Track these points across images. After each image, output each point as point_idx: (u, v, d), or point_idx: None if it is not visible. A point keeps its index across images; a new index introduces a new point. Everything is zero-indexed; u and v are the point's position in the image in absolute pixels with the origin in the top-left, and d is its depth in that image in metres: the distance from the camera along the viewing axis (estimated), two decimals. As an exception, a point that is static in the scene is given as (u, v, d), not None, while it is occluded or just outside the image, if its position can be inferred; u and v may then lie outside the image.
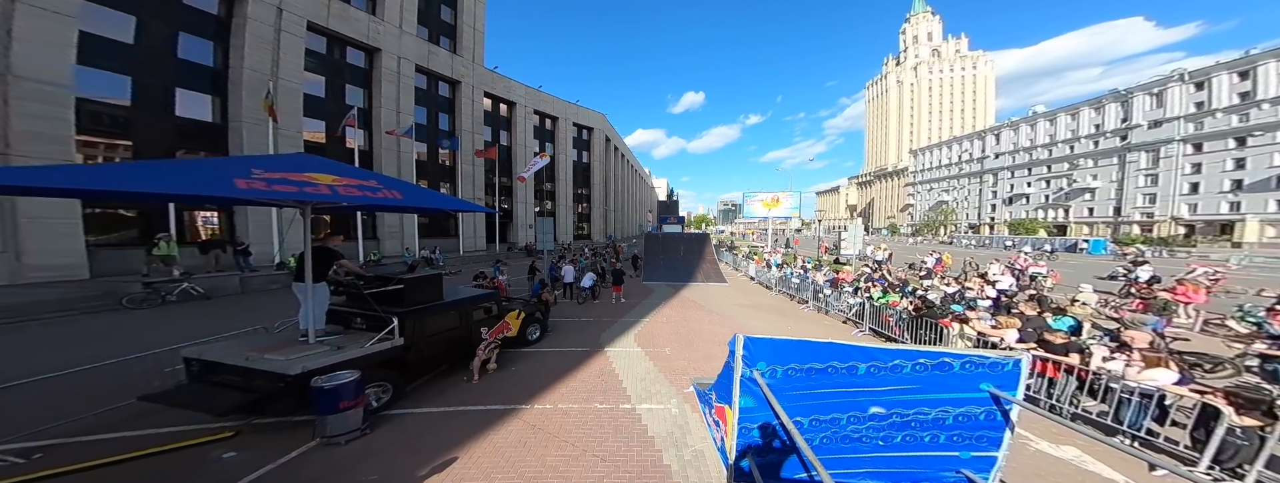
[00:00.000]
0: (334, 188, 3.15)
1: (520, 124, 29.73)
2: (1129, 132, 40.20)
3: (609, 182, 43.52)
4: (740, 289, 12.81)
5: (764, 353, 2.50)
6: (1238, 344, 5.73)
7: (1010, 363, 2.35)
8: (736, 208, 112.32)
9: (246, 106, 13.41)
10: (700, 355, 5.85)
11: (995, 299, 7.47)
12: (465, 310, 5.17)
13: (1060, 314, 5.75)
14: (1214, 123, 34.93)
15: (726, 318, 8.58)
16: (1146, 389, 3.41)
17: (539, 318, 6.83)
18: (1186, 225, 36.10)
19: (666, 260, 15.28)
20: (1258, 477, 2.78)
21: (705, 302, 10.51)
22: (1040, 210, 48.23)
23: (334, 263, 4.25)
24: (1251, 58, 33.61)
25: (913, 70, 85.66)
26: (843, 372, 2.47)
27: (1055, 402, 4.03)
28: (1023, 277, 11.22)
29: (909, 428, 2.53)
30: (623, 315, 8.62)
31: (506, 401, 4.35)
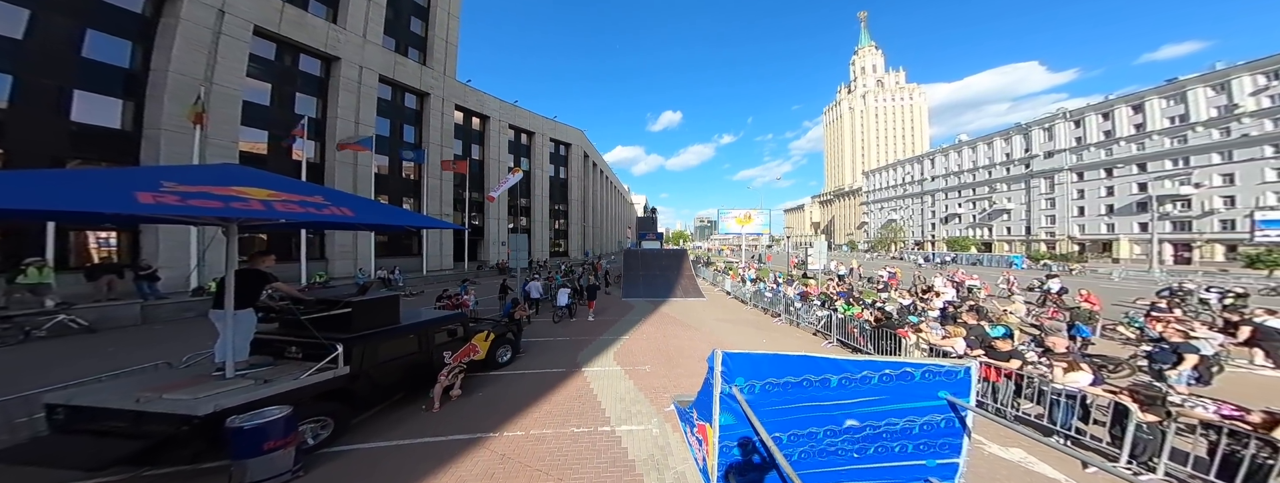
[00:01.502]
0: (269, 203, 2.81)
1: (494, 139, 29.57)
2: (1031, 160, 47.03)
3: (587, 198, 43.70)
4: (718, 304, 12.94)
5: (742, 368, 2.53)
6: (1129, 347, 6.56)
7: (962, 371, 2.51)
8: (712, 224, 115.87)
9: (168, 112, 12.27)
10: (681, 372, 5.76)
11: (943, 310, 8.04)
12: (425, 334, 4.81)
13: (995, 323, 6.28)
14: (1089, 155, 42.06)
15: (705, 333, 8.57)
16: (1071, 390, 3.72)
17: (510, 339, 6.49)
18: (1078, 243, 41.87)
19: (646, 277, 15.27)
20: (1165, 468, 3.10)
21: (684, 317, 10.48)
22: (970, 229, 54.10)
23: (265, 287, 3.81)
24: (1110, 102, 41.37)
25: (862, 98, 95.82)
26: (817, 385, 2.55)
27: (999, 405, 4.27)
28: (961, 288, 12.27)
29: (881, 439, 2.62)
30: (601, 333, 8.37)
31: (472, 429, 3.98)
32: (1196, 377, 4.86)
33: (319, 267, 17.21)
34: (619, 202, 70.54)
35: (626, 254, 17.84)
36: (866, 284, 15.30)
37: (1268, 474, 2.66)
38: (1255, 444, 2.75)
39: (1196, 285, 12.42)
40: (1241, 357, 6.33)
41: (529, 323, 8.90)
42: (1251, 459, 2.73)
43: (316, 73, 19.04)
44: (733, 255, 36.69)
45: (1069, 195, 43.62)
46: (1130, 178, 39.34)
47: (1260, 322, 6.66)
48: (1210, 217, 34.72)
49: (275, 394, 3.22)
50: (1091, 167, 42.03)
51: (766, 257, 33.79)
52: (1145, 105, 39.30)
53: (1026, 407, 4.20)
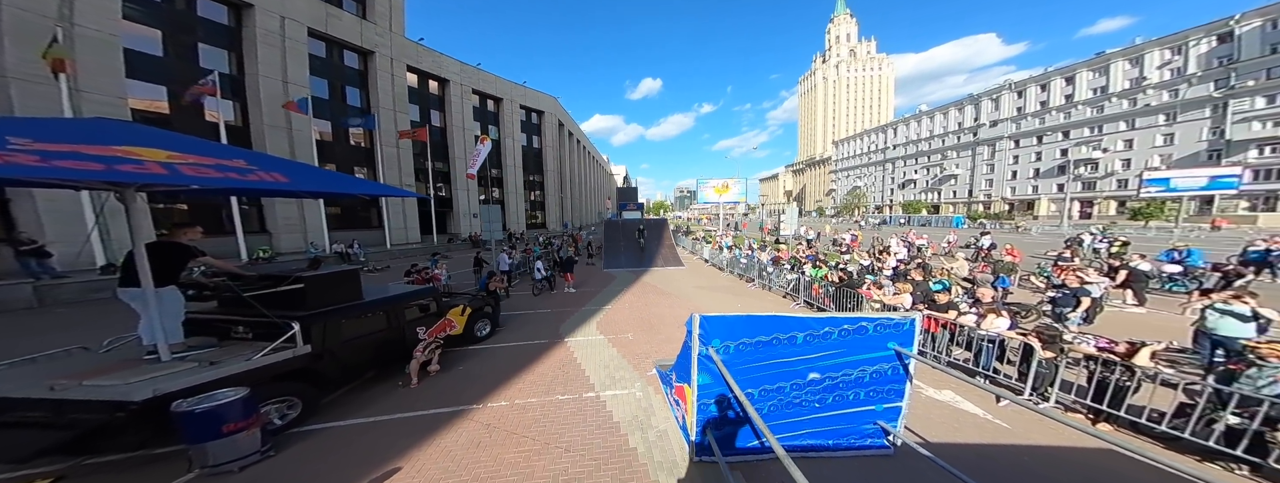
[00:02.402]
0: (173, 166, 2.34)
1: (455, 104, 26.67)
2: (978, 129, 50.04)
3: (564, 168, 41.68)
4: (697, 272, 13.17)
5: (718, 330, 2.65)
6: (1039, 294, 7.39)
7: (908, 323, 2.73)
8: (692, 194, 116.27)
9: (14, 56, 9.82)
10: (662, 339, 5.85)
11: (894, 268, 8.70)
12: (394, 310, 4.50)
13: (938, 279, 6.86)
14: (1027, 124, 45.18)
15: (685, 300, 8.74)
16: (991, 335, 4.16)
17: (488, 312, 6.28)
18: (1009, 203, 46.64)
19: (627, 247, 15.18)
20: (1056, 398, 3.58)
21: (665, 285, 10.62)
22: (923, 193, 58.11)
23: (189, 262, 3.29)
24: (1047, 74, 43.82)
25: (835, 69, 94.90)
26: (785, 342, 2.69)
27: (935, 352, 4.72)
28: (912, 248, 13.30)
29: (838, 389, 2.82)
30: (583, 304, 8.33)
31: (454, 402, 3.90)
32: (1085, 317, 5.61)
33: (261, 241, 15.63)
34: (598, 172, 68.24)
35: (607, 225, 17.57)
36: (832, 247, 16.03)
37: (1126, 394, 3.13)
38: (1119, 370, 3.21)
39: (1091, 236, 14.20)
40: (1118, 297, 7.37)
41: (506, 296, 8.67)
42: (1115, 383, 3.19)
43: (224, 21, 15.75)
44: (711, 224, 37.29)
45: (1006, 161, 47.13)
46: (1056, 144, 42.84)
47: (1134, 266, 7.74)
48: (1109, 177, 39.10)
49: (227, 376, 2.96)
50: (1026, 134, 45.11)
51: (742, 225, 34.68)
52: (1075, 77, 41.78)
53: (958, 353, 4.66)
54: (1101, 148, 39.42)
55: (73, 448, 2.62)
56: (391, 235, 20.47)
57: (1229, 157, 31.28)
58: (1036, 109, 44.48)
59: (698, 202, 32.93)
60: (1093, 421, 3.35)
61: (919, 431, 3.20)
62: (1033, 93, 44.94)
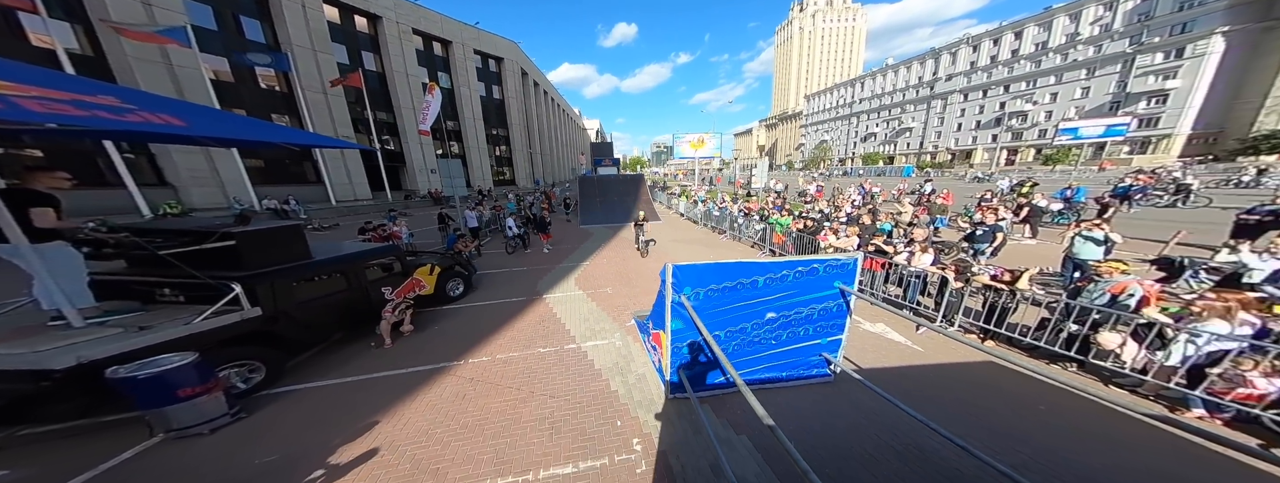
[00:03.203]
0: (6, 99, 1.80)
1: (393, 46, 22.16)
2: (934, 83, 50.57)
3: (532, 121, 37.59)
4: (673, 226, 13.23)
5: (689, 278, 2.74)
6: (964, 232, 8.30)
7: (851, 263, 2.91)
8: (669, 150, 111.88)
9: None
10: (639, 291, 5.97)
11: (849, 214, 9.25)
12: (354, 269, 4.17)
13: (884, 222, 7.41)
14: (976, 78, 46.10)
15: (662, 253, 8.83)
16: (917, 271, 4.65)
17: (460, 272, 6.02)
18: (952, 153, 50.00)
19: (604, 203, 14.73)
20: (960, 322, 4.08)
21: None
22: (881, 146, 60.18)
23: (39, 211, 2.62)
24: (1001, 28, 43.46)
25: (812, 18, 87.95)
26: (748, 286, 2.82)
27: (872, 290, 5.21)
28: (867, 195, 14.17)
29: (791, 326, 3.03)
30: (561, 261, 8.21)
31: (434, 360, 3.87)
32: (994, 250, 6.41)
33: (165, 195, 13.51)
34: (570, 127, 62.59)
35: (582, 181, 16.52)
36: (798, 198, 16.51)
37: (1007, 314, 3.71)
38: (1005, 295, 3.76)
39: (1008, 179, 15.82)
40: (1019, 231, 8.45)
41: (477, 255, 8.30)
42: (1000, 305, 3.76)
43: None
44: (687, 179, 36.82)
45: (954, 114, 48.95)
46: (997, 98, 44.61)
47: (1032, 202, 8.75)
48: (1034, 128, 42.21)
49: (165, 342, 2.73)
50: (974, 88, 46.35)
51: (717, 179, 34.60)
52: (1023, 32, 41.72)
53: (892, 289, 5.18)
54: (1032, 100, 41.57)
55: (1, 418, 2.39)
56: (335, 191, 18.32)
57: (1125, 107, 34.39)
58: (987, 63, 45.08)
59: (674, 157, 31.84)
60: (982, 339, 3.99)
61: (855, 359, 3.63)
62: (986, 47, 45.15)
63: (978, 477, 2.16)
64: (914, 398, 2.87)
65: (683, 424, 2.76)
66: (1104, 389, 3.07)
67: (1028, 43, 41.41)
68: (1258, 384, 2.38)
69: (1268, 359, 2.42)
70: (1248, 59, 28.72)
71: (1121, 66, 34.65)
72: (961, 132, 48.68)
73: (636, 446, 2.58)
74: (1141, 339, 2.87)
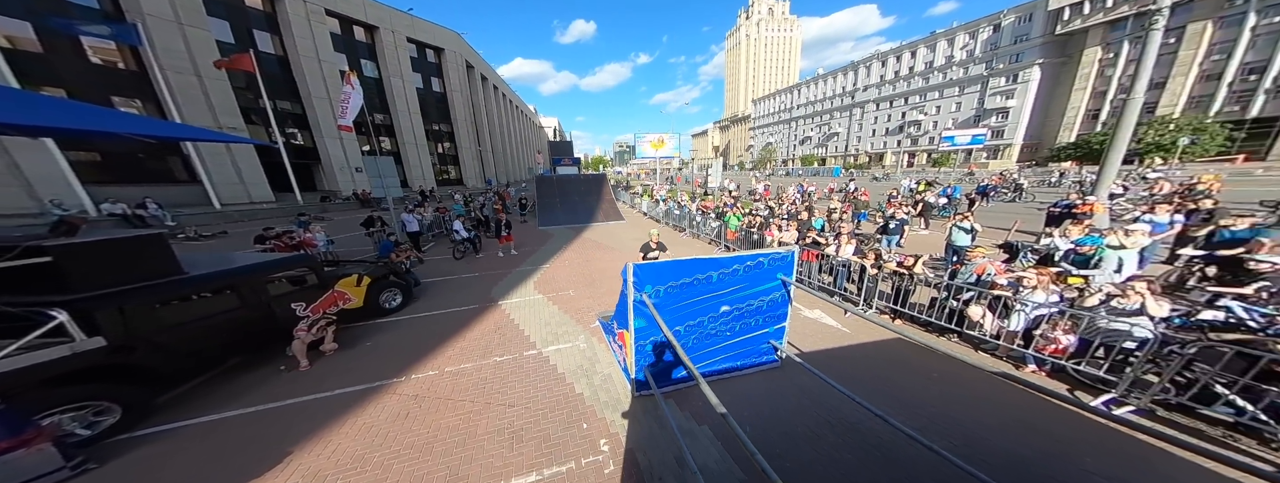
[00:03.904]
0: None
1: (300, 27, 18.66)
2: (854, 93, 57.82)
3: (481, 117, 34.44)
4: (636, 225, 13.24)
5: (649, 277, 2.79)
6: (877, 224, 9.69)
7: (789, 255, 3.17)
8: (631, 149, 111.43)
9: None
10: (604, 291, 5.87)
11: (789, 211, 10.23)
12: (250, 284, 3.49)
13: (817, 218, 8.34)
14: (884, 90, 53.77)
15: (626, 254, 8.78)
16: (843, 261, 5.30)
17: (397, 282, 5.38)
18: (869, 156, 57.82)
19: (564, 203, 14.20)
20: (877, 305, 4.70)
21: (606, 241, 10.49)
22: (815, 148, 67.07)
23: None
24: (900, 47, 51.20)
25: (756, 26, 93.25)
26: (703, 281, 2.94)
27: (809, 279, 5.82)
28: (804, 194, 15.73)
29: (743, 318, 3.23)
30: (517, 265, 7.75)
31: (369, 379, 3.44)
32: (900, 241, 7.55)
33: None
34: (526, 124, 58.75)
35: (539, 181, 15.67)
36: (748, 196, 17.58)
37: (908, 294, 4.41)
38: (906, 278, 4.47)
39: (913, 181, 18.69)
40: (917, 224, 10.07)
41: (419, 262, 7.48)
42: (903, 288, 4.46)
43: None
44: (649, 179, 37.05)
45: (870, 121, 56.03)
46: (900, 108, 52.12)
47: (925, 198, 10.51)
48: (926, 135, 50.27)
49: None
50: (883, 99, 53.71)
51: (676, 178, 35.48)
52: (917, 52, 49.29)
53: (825, 278, 5.78)
54: (924, 112, 49.48)
55: None
56: (219, 193, 15.03)
57: (984, 121, 42.69)
58: (892, 78, 52.45)
59: (636, 157, 31.74)
60: (893, 319, 4.66)
61: (797, 343, 3.98)
62: (891, 63, 52.46)
63: (894, 442, 2.52)
64: (843, 376, 3.25)
65: (649, 421, 2.80)
66: (974, 355, 3.81)
67: (919, 62, 49.02)
68: (1062, 340, 3.15)
69: (1064, 319, 3.22)
70: (1053, 87, 37.48)
71: (980, 87, 42.80)
72: (875, 137, 56.09)
73: (604, 446, 2.56)
74: (994, 311, 3.61)
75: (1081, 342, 3.11)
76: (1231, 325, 2.92)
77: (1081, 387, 3.11)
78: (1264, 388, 2.33)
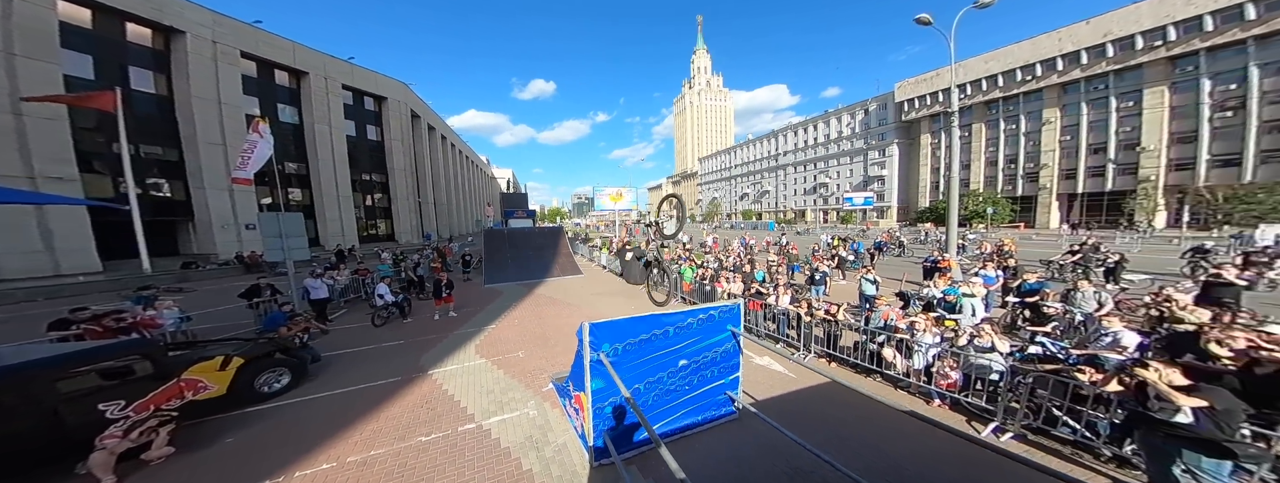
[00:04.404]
0: None
1: (198, 66, 17.51)
2: (779, 157, 71.65)
3: (425, 168, 33.46)
4: (594, 279, 13.13)
5: (606, 335, 2.86)
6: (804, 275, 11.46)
7: (736, 308, 3.54)
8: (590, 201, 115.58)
9: None
10: (561, 350, 5.60)
11: (735, 264, 11.45)
12: (17, 386, 2.75)
13: (759, 270, 9.55)
14: (800, 156, 67.67)
15: (583, 308, 8.62)
16: (783, 310, 6.09)
17: (283, 359, 4.53)
18: (794, 213, 68.89)
19: (516, 258, 13.70)
20: (815, 350, 5.32)
21: (562, 296, 10.20)
22: (753, 204, 77.96)
23: None
24: (811, 119, 66.93)
25: (698, 94, 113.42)
26: (661, 337, 3.11)
27: (757, 328, 6.40)
28: (747, 247, 17.81)
29: (700, 371, 3.40)
30: (456, 328, 7.05)
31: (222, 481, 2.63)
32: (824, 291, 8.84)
33: None
34: (477, 176, 58.30)
35: (488, 235, 14.99)
36: (699, 248, 19.01)
37: (838, 338, 5.14)
38: (834, 324, 5.27)
39: (829, 236, 22.37)
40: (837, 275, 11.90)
41: (321, 334, 6.32)
42: (833, 333, 5.21)
43: None
44: (609, 231, 37.90)
45: (791, 182, 67.99)
46: (812, 172, 64.37)
47: (840, 254, 12.70)
48: (833, 195, 62.06)
49: None
50: (799, 163, 66.54)
51: (634, 230, 36.99)
52: (820, 125, 64.02)
53: (770, 326, 6.36)
54: (829, 176, 62.17)
55: None
56: (2, 263, 11.58)
57: (870, 186, 54.97)
58: (804, 146, 66.25)
59: (595, 209, 33.03)
60: (828, 361, 5.26)
61: (751, 391, 4.19)
62: (801, 133, 66.88)
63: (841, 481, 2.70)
64: (794, 421, 3.48)
65: (609, 496, 2.60)
66: (893, 393, 4.42)
67: (821, 134, 63.35)
68: (952, 375, 3.93)
69: (950, 357, 4.06)
70: (908, 162, 51.02)
71: (863, 158, 56.21)
72: (797, 196, 67.73)
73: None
74: (901, 351, 4.38)
75: (964, 376, 3.89)
76: (1048, 357, 3.93)
77: (975, 417, 3.78)
78: (1079, 409, 3.04)
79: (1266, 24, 21.13)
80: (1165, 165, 26.33)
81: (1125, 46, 27.30)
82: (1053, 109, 32.69)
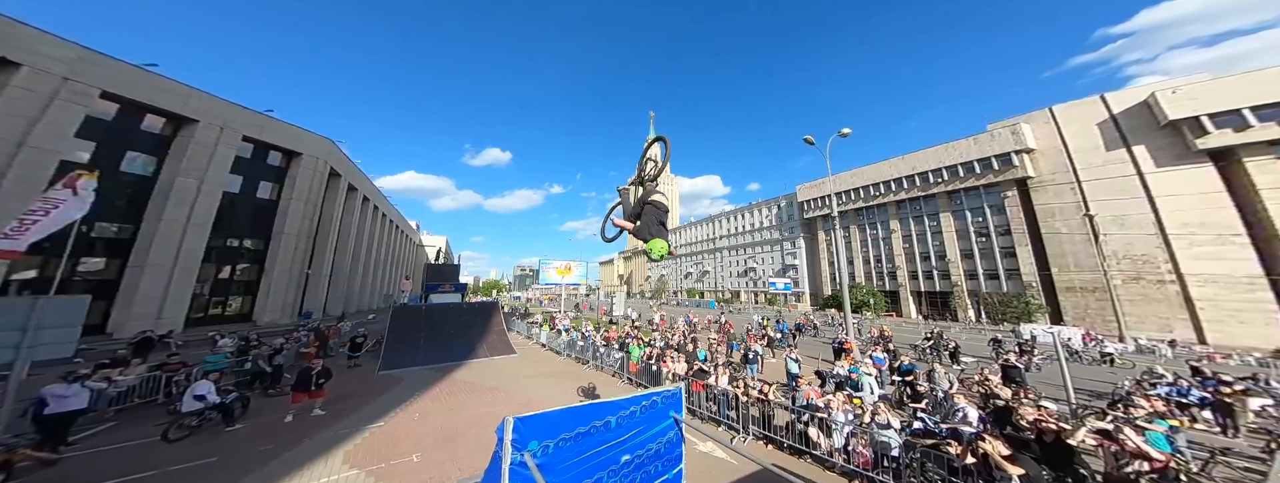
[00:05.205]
0: None
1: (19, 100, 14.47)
2: (716, 240, 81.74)
3: (329, 233, 29.08)
4: (532, 359, 11.90)
5: (536, 431, 2.52)
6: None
7: (677, 392, 3.28)
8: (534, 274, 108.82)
9: None
10: (475, 446, 4.82)
11: (679, 343, 11.80)
12: None
13: (701, 349, 10.04)
14: (732, 241, 78.28)
15: (512, 395, 7.67)
16: (723, 389, 6.43)
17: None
18: (730, 293, 75.14)
19: (432, 338, 11.99)
20: (753, 432, 5.70)
21: (487, 380, 9.01)
22: (696, 283, 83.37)
23: None
24: (740, 209, 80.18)
25: None
26: (602, 429, 2.82)
27: (700, 409, 6.54)
28: (691, 325, 18.53)
29: (644, 466, 3.08)
30: (319, 430, 5.55)
31: None
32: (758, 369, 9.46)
33: None
34: (400, 243, 52.11)
35: (396, 312, 12.97)
36: (648, 325, 19.05)
37: (772, 418, 5.49)
38: (767, 403, 5.70)
39: (760, 316, 24.58)
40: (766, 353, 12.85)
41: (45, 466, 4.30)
42: (767, 413, 5.59)
43: None
44: (552, 306, 35.24)
45: (727, 265, 76.22)
46: (743, 256, 73.75)
47: (769, 334, 14.04)
48: (761, 279, 70.10)
49: None
50: (731, 248, 76.29)
51: (582, 306, 35.28)
52: (745, 214, 76.17)
53: (712, 407, 6.45)
54: (756, 261, 71.50)
55: None
56: None
57: (787, 273, 64.37)
58: (735, 232, 77.17)
59: (540, 282, 31.37)
60: (765, 443, 5.43)
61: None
62: (732, 221, 78.73)
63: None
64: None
65: None
66: (825, 475, 4.66)
67: (748, 223, 74.98)
68: (865, 453, 4.43)
69: (860, 434, 4.64)
70: (812, 254, 62.54)
71: (780, 248, 67.13)
72: (732, 278, 75.28)
73: None
74: (823, 430, 4.85)
75: (873, 452, 4.41)
76: (928, 432, 4.71)
77: (891, 494, 4.15)
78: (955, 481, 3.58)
79: (993, 176, 34.76)
80: (962, 274, 37.09)
81: (924, 180, 41.69)
82: (895, 221, 45.77)
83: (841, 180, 50.95)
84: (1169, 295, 22.89)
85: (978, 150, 35.04)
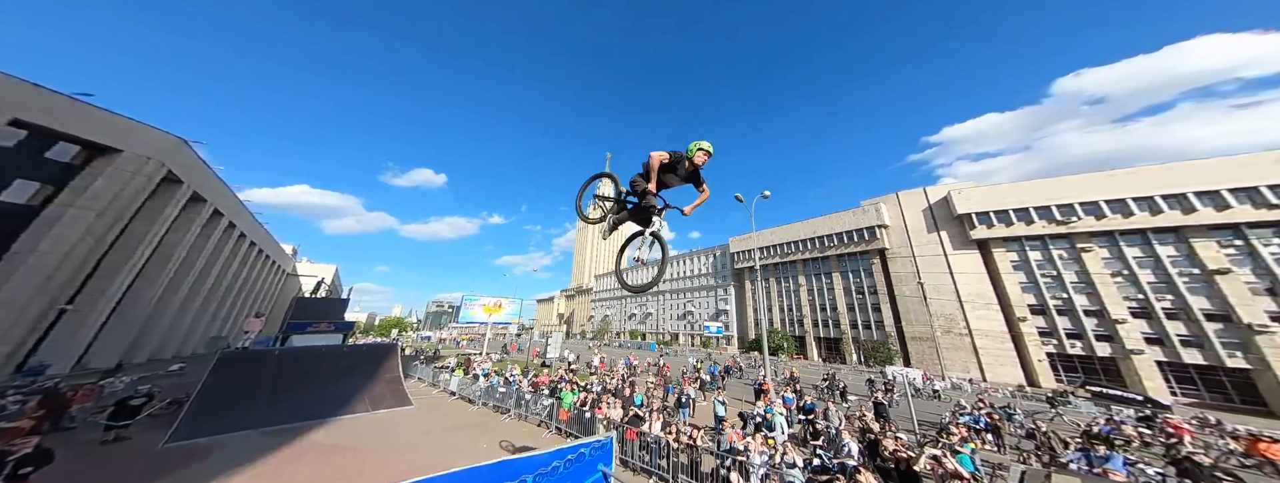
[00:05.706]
0: None
1: None
2: (659, 283, 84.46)
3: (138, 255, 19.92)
4: (436, 410, 10.57)
5: None
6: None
7: (608, 443, 3.23)
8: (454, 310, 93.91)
9: None
10: None
11: (616, 387, 11.83)
12: None
13: (638, 394, 10.25)
14: (675, 284, 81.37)
15: (395, 454, 6.82)
16: (656, 436, 6.82)
17: None
18: (670, 335, 76.26)
19: (278, 393, 9.84)
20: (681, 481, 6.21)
21: (361, 441, 7.78)
22: (639, 324, 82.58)
23: None
24: (678, 255, 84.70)
25: None
26: None
27: (633, 459, 6.69)
28: (630, 368, 18.46)
29: None
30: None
31: None
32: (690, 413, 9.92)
33: None
34: (263, 271, 41.73)
35: (221, 360, 10.06)
36: (586, 368, 18.16)
37: (700, 464, 6.00)
38: (695, 449, 6.17)
39: (695, 359, 25.47)
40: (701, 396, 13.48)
41: None
42: (694, 458, 6.08)
43: None
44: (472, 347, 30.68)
45: (667, 307, 77.98)
46: (682, 300, 76.45)
47: (702, 377, 14.83)
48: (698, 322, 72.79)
49: None
50: (671, 292, 78.81)
51: (511, 347, 31.71)
52: (687, 260, 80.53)
53: (645, 456, 6.72)
54: (693, 305, 74.74)
55: None
56: None
57: (719, 317, 68.59)
58: (677, 276, 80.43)
59: (459, 320, 27.53)
60: None
61: None
62: (676, 265, 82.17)
63: None
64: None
65: None
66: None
67: (688, 269, 79.00)
68: None
69: (773, 476, 5.33)
70: (740, 301, 68.39)
71: (714, 294, 71.85)
72: (672, 320, 76.96)
73: None
74: (743, 474, 5.43)
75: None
76: (825, 469, 5.56)
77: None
78: None
79: (864, 245, 44.23)
80: (848, 324, 45.40)
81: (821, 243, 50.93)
82: (803, 276, 53.93)
83: (763, 237, 59.16)
84: (965, 345, 31.35)
85: (855, 222, 44.46)
